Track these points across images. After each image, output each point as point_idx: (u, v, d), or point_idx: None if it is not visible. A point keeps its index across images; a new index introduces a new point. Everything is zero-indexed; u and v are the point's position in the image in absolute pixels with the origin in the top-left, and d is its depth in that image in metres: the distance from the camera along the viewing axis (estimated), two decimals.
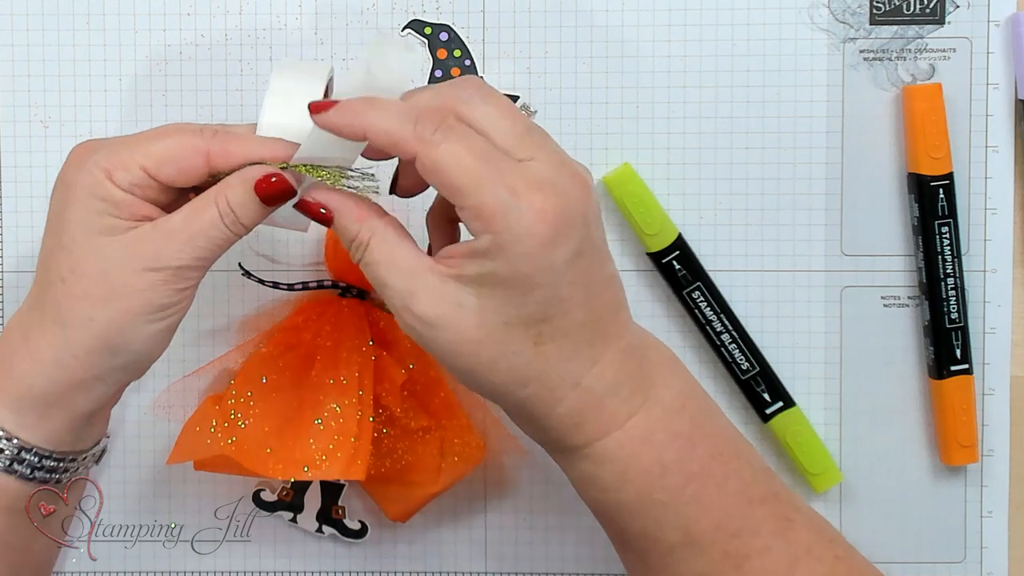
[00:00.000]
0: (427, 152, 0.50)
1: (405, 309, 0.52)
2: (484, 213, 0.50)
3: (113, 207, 0.54)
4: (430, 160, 0.50)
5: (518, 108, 0.52)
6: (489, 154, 0.51)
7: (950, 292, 0.66)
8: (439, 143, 0.50)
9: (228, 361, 0.67)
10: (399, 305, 0.52)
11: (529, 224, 0.50)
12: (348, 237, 0.53)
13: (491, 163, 0.50)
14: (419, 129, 0.50)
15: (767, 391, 0.67)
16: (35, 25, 0.67)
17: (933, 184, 0.65)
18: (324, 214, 0.54)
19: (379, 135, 0.51)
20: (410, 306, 0.52)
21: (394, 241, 0.53)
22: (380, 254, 0.53)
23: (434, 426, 0.66)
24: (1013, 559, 0.68)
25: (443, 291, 0.52)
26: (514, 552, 0.69)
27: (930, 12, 0.67)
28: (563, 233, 0.51)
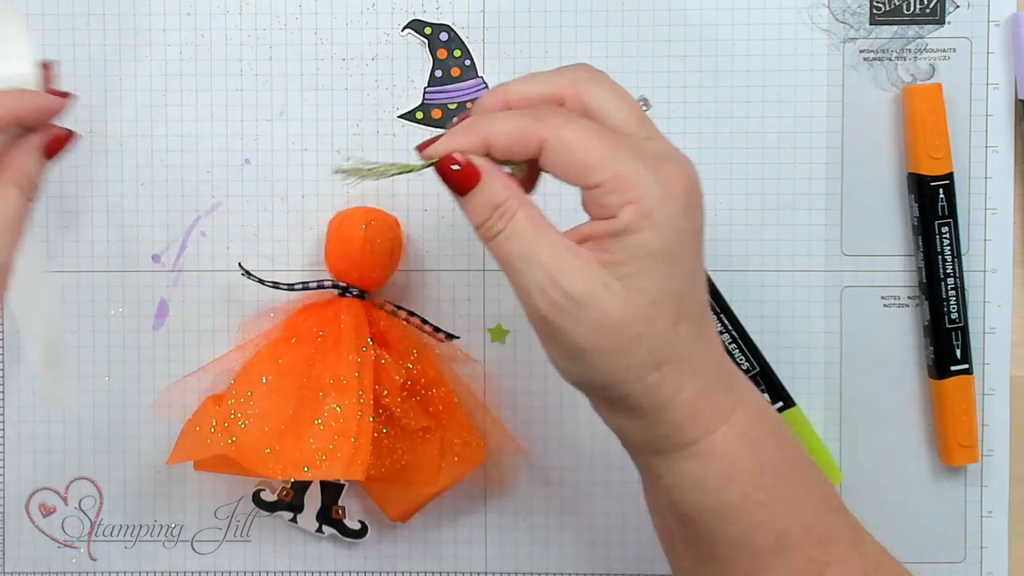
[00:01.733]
0: (556, 135, 0.50)
1: (551, 284, 0.50)
2: (623, 184, 0.50)
3: None
4: (559, 142, 0.50)
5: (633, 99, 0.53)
6: (614, 132, 0.51)
7: (950, 292, 0.66)
8: (564, 125, 0.50)
9: (228, 361, 0.67)
10: (543, 279, 0.50)
11: (668, 190, 0.50)
12: (494, 202, 0.52)
13: (618, 139, 0.51)
14: (541, 116, 0.51)
15: (767, 391, 0.67)
16: (35, 25, 0.67)
17: (933, 184, 0.65)
18: (473, 174, 0.52)
19: (502, 138, 0.51)
20: (558, 281, 0.50)
21: (539, 217, 0.52)
22: (527, 226, 0.51)
23: (434, 426, 0.66)
24: (1013, 559, 0.68)
25: (589, 270, 0.50)
26: (514, 552, 0.69)
27: (930, 12, 0.67)
28: (694, 204, 0.51)
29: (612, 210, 0.50)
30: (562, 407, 0.68)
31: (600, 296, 0.50)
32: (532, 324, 0.52)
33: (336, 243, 0.66)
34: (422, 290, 0.68)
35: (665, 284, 0.51)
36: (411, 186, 0.68)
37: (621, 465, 0.68)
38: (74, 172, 0.68)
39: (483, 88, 0.65)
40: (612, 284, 0.50)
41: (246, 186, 0.68)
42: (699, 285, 0.53)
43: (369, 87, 0.67)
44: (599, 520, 0.69)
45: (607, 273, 0.50)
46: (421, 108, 0.66)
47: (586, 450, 0.69)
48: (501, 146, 0.51)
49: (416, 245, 0.68)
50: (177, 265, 0.68)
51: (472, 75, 0.67)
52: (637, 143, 0.51)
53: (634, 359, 0.51)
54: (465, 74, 0.67)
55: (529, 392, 0.69)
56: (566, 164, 0.50)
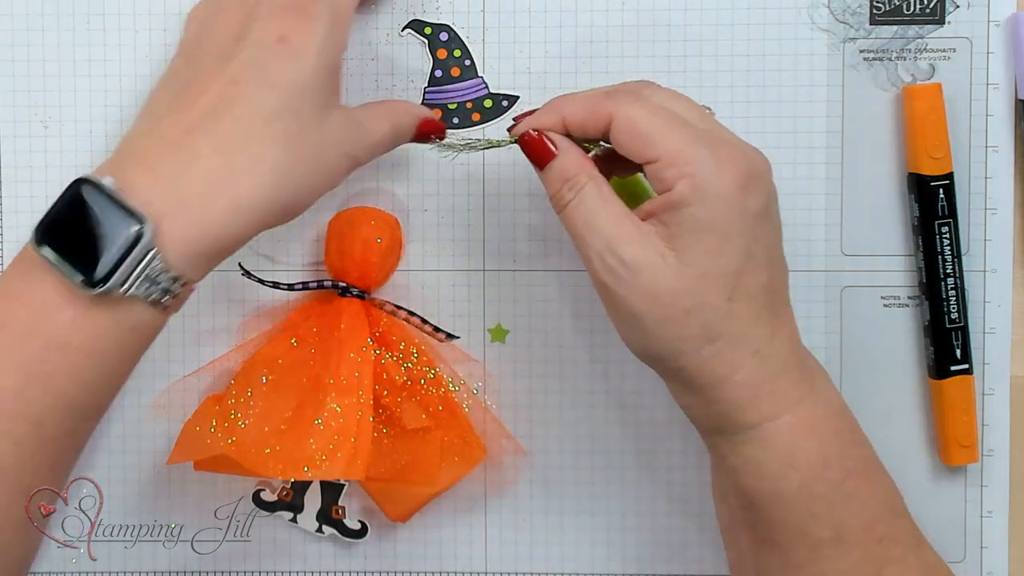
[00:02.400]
0: (623, 111, 0.55)
1: (609, 251, 0.54)
2: (680, 159, 0.54)
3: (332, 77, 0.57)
4: (625, 117, 0.55)
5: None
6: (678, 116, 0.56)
7: (950, 292, 0.66)
8: (632, 103, 0.55)
9: (228, 361, 0.67)
10: (602, 247, 0.55)
11: (723, 167, 0.54)
12: (566, 175, 0.56)
13: (680, 120, 0.55)
14: (612, 94, 0.56)
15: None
16: (35, 25, 0.67)
17: (933, 184, 0.65)
18: (547, 149, 0.57)
19: (576, 114, 0.56)
20: (615, 248, 0.54)
21: (607, 191, 0.56)
22: (593, 198, 0.55)
23: (434, 426, 0.66)
24: (1013, 559, 0.68)
25: (647, 241, 0.54)
26: (514, 552, 0.69)
27: (930, 12, 0.67)
28: (752, 185, 0.54)
29: (669, 183, 0.54)
30: (562, 407, 0.68)
31: (655, 265, 0.54)
32: (598, 293, 0.56)
33: (336, 243, 0.66)
34: (422, 290, 0.68)
35: (717, 259, 0.54)
36: (411, 186, 0.68)
37: (621, 465, 0.69)
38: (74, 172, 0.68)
39: (483, 88, 0.65)
40: (667, 255, 0.54)
41: None
42: (761, 266, 0.55)
43: (369, 87, 0.67)
44: (599, 520, 0.69)
45: (664, 245, 0.54)
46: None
47: (586, 450, 0.69)
48: (575, 122, 0.57)
49: (416, 245, 0.68)
50: None
51: (472, 75, 0.67)
52: (698, 127, 0.55)
53: (687, 331, 0.54)
54: (465, 74, 0.67)
55: (529, 392, 0.69)
56: (629, 138, 0.55)
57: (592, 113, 0.56)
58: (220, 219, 0.54)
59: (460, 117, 0.66)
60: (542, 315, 0.68)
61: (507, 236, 0.68)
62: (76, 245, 0.53)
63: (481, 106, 0.66)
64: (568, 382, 0.68)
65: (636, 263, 0.54)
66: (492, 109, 0.66)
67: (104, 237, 0.52)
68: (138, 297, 0.53)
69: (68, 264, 0.52)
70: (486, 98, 0.66)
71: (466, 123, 0.66)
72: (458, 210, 0.68)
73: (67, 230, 0.53)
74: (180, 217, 0.53)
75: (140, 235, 0.52)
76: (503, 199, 0.68)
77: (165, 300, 0.54)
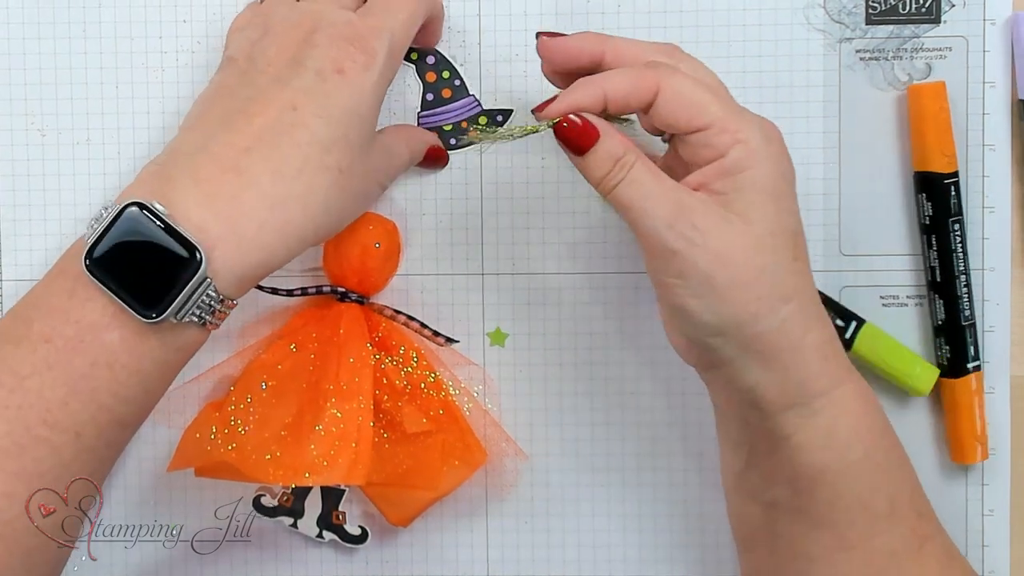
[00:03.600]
0: (669, 81, 0.55)
1: (678, 216, 0.54)
2: (732, 125, 0.54)
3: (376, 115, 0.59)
4: (672, 88, 0.55)
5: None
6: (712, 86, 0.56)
7: (963, 289, 0.66)
8: (675, 73, 0.55)
9: (228, 367, 0.67)
10: (668, 214, 0.54)
11: (768, 133, 0.55)
12: (616, 155, 0.55)
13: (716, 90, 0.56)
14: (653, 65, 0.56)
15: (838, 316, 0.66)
16: (31, 34, 0.67)
17: (947, 182, 0.65)
18: (591, 132, 0.55)
19: (620, 88, 0.55)
20: (685, 215, 0.54)
21: (653, 167, 0.55)
22: (646, 173, 0.55)
23: (434, 430, 0.66)
24: (1015, 558, 0.68)
25: (710, 207, 0.54)
26: (515, 556, 0.69)
27: (926, 11, 0.67)
28: (785, 152, 0.56)
29: (722, 149, 0.54)
30: (563, 410, 0.69)
31: (723, 228, 0.54)
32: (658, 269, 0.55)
33: (334, 248, 0.66)
34: (421, 294, 0.68)
35: (779, 218, 0.55)
36: (409, 190, 0.68)
37: (622, 468, 0.69)
38: (71, 180, 0.68)
39: (476, 106, 0.66)
40: (732, 218, 0.54)
41: None
42: (804, 231, 0.57)
43: None
44: (600, 523, 0.69)
45: (726, 208, 0.54)
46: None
47: (587, 453, 0.69)
48: (620, 96, 0.55)
49: (415, 249, 0.68)
50: None
51: (464, 94, 0.67)
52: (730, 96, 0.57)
53: (763, 291, 0.54)
54: (457, 94, 0.66)
55: (529, 395, 0.69)
56: (680, 107, 0.55)
57: (638, 86, 0.55)
58: (270, 245, 0.54)
59: (456, 137, 0.67)
60: (541, 319, 0.68)
61: (506, 240, 0.68)
62: (130, 273, 0.53)
63: (476, 123, 0.66)
64: (568, 385, 0.68)
65: (706, 227, 0.54)
66: (487, 126, 0.66)
67: (159, 266, 0.53)
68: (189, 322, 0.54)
69: (124, 292, 0.53)
70: (480, 115, 0.66)
71: (463, 143, 0.66)
72: (456, 214, 0.68)
73: (120, 257, 0.53)
74: (232, 243, 0.54)
75: (197, 267, 0.53)
76: (502, 203, 0.68)
77: (211, 320, 0.55)
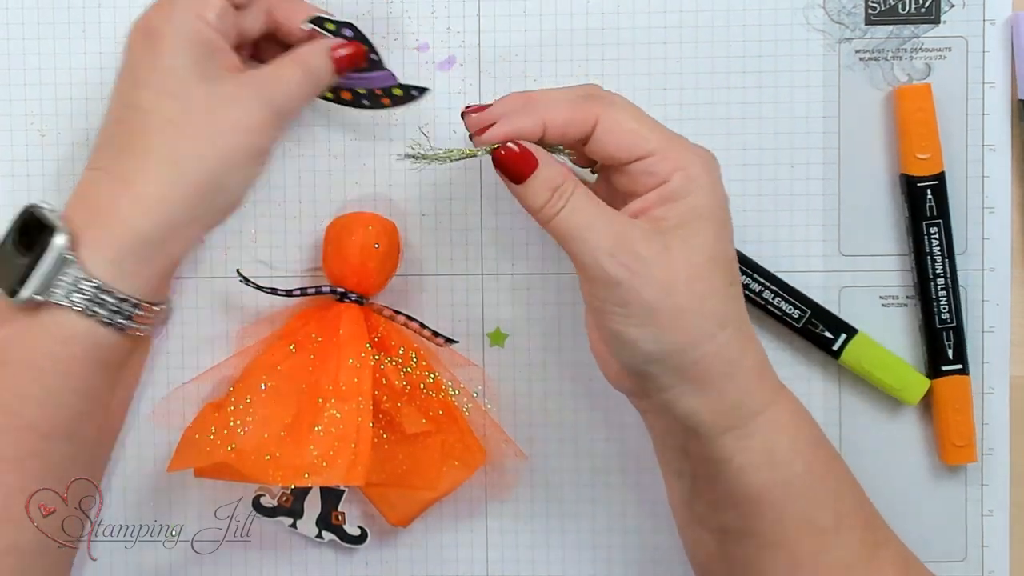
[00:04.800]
0: (609, 112, 0.55)
1: (619, 247, 0.54)
2: (672, 153, 0.55)
3: (210, 53, 0.57)
4: (613, 118, 0.55)
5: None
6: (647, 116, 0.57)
7: (940, 292, 0.66)
8: (613, 104, 0.56)
9: (227, 368, 0.67)
10: (610, 244, 0.54)
11: (705, 161, 0.56)
12: (554, 184, 0.55)
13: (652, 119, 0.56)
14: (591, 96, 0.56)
15: (827, 328, 0.66)
16: (30, 34, 0.67)
17: (920, 185, 0.65)
18: (531, 160, 0.55)
19: (559, 118, 0.55)
20: (626, 245, 0.54)
21: (593, 195, 0.56)
22: (586, 201, 0.55)
23: (434, 431, 0.66)
24: (1014, 557, 0.68)
25: (650, 235, 0.54)
26: (515, 557, 0.69)
27: (925, 11, 0.67)
28: (719, 178, 0.56)
29: (664, 176, 0.55)
30: (562, 411, 0.69)
31: (662, 256, 0.54)
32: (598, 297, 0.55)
33: (334, 248, 0.66)
34: (420, 295, 0.68)
35: (718, 245, 0.55)
36: (408, 190, 0.68)
37: (621, 468, 0.69)
38: (71, 180, 0.68)
39: (392, 79, 0.64)
40: (672, 246, 0.54)
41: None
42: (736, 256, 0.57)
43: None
44: (600, 524, 0.69)
45: (665, 236, 0.54)
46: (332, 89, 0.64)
47: (586, 454, 0.69)
48: (559, 125, 0.55)
49: (414, 249, 0.68)
50: (175, 272, 0.68)
51: (380, 68, 0.65)
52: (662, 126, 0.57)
53: (703, 317, 0.54)
54: (372, 68, 0.64)
55: (529, 396, 0.69)
56: (621, 136, 0.55)
57: (576, 116, 0.55)
58: (128, 219, 0.56)
59: (370, 100, 0.65)
60: (541, 319, 0.68)
61: (505, 240, 0.68)
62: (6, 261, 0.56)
63: (390, 93, 0.65)
64: (567, 386, 0.68)
65: (648, 256, 0.54)
66: (401, 97, 0.64)
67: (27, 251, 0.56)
68: (65, 306, 0.55)
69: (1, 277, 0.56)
70: (395, 87, 0.64)
71: (376, 105, 0.65)
72: (456, 214, 0.68)
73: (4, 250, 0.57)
74: (95, 227, 0.56)
75: (47, 242, 0.55)
76: (501, 203, 0.68)
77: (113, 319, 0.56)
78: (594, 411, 0.68)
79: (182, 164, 0.56)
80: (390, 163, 0.67)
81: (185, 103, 0.56)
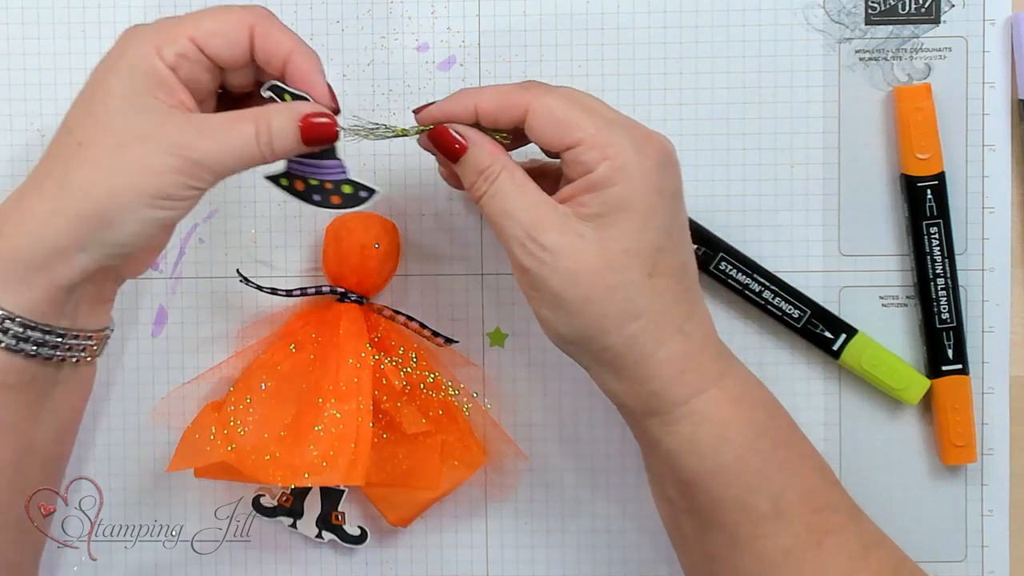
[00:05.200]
0: (540, 100, 0.55)
1: (529, 238, 0.55)
2: (600, 141, 0.55)
3: (154, 85, 0.54)
4: (543, 106, 0.55)
5: None
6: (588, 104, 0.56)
7: (940, 292, 0.66)
8: (547, 93, 0.56)
9: (227, 368, 0.67)
10: (522, 235, 0.55)
11: (642, 147, 0.55)
12: (480, 167, 0.56)
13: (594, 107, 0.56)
14: (526, 86, 0.56)
15: (827, 328, 0.67)
16: (31, 34, 0.67)
17: (920, 185, 0.65)
18: (459, 146, 0.57)
19: (490, 104, 0.56)
20: (535, 235, 0.55)
21: (521, 178, 0.56)
22: (508, 187, 0.56)
23: (434, 431, 0.66)
24: (1014, 557, 0.68)
25: (566, 223, 0.55)
26: (515, 556, 0.69)
27: (925, 11, 0.67)
28: (667, 166, 0.56)
29: (591, 165, 0.55)
30: (562, 410, 0.69)
31: (576, 246, 0.54)
32: (517, 279, 0.56)
33: (334, 248, 0.66)
34: (420, 295, 0.68)
35: (639, 236, 0.55)
36: (408, 190, 0.68)
37: (621, 468, 0.69)
38: None
39: (342, 171, 0.58)
40: (588, 234, 0.55)
41: (243, 192, 0.68)
42: (678, 245, 0.57)
43: None
44: (600, 524, 0.69)
45: (584, 224, 0.55)
46: (286, 175, 0.59)
47: (586, 453, 0.69)
48: (489, 111, 0.56)
49: (414, 249, 0.68)
50: (175, 272, 0.68)
51: (332, 156, 0.58)
52: (608, 114, 0.56)
53: (611, 308, 0.55)
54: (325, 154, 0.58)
55: (529, 396, 0.69)
56: (548, 125, 0.55)
57: (506, 103, 0.56)
58: (13, 235, 0.55)
59: (320, 195, 0.59)
60: None
61: None
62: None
63: (339, 190, 0.58)
64: (567, 386, 0.68)
65: (557, 246, 0.55)
66: (351, 196, 0.58)
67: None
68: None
69: None
70: (344, 183, 0.58)
71: (326, 203, 0.59)
72: (456, 214, 0.68)
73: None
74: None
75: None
76: None
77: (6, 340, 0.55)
78: (594, 411, 0.68)
79: (71, 189, 0.54)
80: (390, 163, 0.67)
81: (102, 128, 0.54)
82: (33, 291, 0.55)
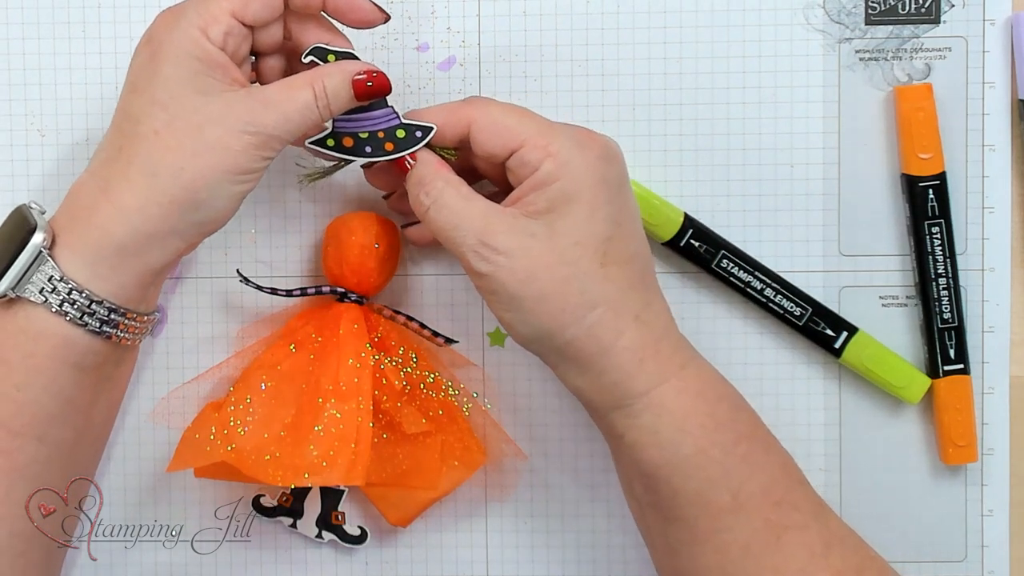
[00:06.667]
0: (481, 111, 0.58)
1: (481, 244, 0.56)
2: (542, 141, 0.57)
3: (209, 68, 0.57)
4: (486, 115, 0.58)
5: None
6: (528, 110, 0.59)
7: (942, 292, 0.66)
8: (489, 104, 0.59)
9: (227, 368, 0.67)
10: (474, 242, 0.57)
11: (582, 143, 0.57)
12: (421, 183, 0.59)
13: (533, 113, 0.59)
14: (469, 101, 0.59)
15: (828, 326, 0.67)
16: (30, 34, 0.67)
17: (922, 184, 0.65)
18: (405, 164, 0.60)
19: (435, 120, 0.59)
20: (487, 240, 0.56)
21: (467, 190, 0.58)
22: (453, 198, 0.58)
23: (434, 431, 0.66)
24: (1014, 557, 0.68)
25: (516, 224, 0.57)
26: (515, 556, 0.69)
27: (925, 11, 0.67)
28: (609, 158, 0.58)
29: (535, 164, 0.57)
30: (562, 411, 0.69)
31: (527, 245, 0.56)
32: (475, 285, 0.58)
33: (334, 248, 0.66)
34: (420, 295, 0.68)
35: (588, 226, 0.57)
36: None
37: None
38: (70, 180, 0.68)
39: (394, 118, 0.60)
40: (538, 231, 0.56)
41: None
42: (628, 234, 0.58)
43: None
44: (600, 524, 0.69)
45: (534, 223, 0.57)
46: (332, 135, 0.61)
47: (586, 453, 0.69)
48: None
49: (414, 249, 0.68)
50: (175, 272, 0.68)
51: (382, 105, 0.60)
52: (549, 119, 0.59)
53: (568, 301, 0.56)
54: (375, 104, 0.60)
55: (529, 396, 0.69)
56: (492, 132, 0.58)
57: (451, 118, 0.59)
58: (104, 225, 0.57)
59: (373, 146, 0.60)
60: None
61: None
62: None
63: (394, 136, 0.60)
64: None
65: (509, 248, 0.56)
66: (405, 140, 0.60)
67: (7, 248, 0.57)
68: (38, 304, 0.57)
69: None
70: (398, 128, 0.60)
71: (379, 152, 0.60)
72: None
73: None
74: (74, 230, 0.57)
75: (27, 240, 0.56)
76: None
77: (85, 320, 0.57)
78: None
79: (160, 177, 0.56)
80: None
81: (173, 115, 0.57)
82: (123, 276, 0.57)
